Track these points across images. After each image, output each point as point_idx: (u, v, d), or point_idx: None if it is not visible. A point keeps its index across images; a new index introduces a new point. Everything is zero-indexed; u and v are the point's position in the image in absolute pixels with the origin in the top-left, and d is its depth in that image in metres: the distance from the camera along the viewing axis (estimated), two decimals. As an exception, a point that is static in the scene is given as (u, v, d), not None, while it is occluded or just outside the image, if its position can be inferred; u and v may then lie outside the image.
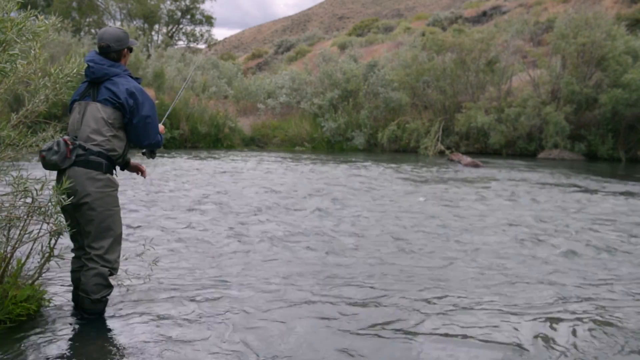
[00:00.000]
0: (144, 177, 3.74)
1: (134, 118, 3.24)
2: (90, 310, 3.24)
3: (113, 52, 3.31)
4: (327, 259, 4.86)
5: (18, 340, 2.98)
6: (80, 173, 3.09)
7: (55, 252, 3.32)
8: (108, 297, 3.30)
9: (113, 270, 3.25)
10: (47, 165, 3.10)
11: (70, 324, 3.22)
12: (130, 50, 3.45)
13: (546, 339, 3.16)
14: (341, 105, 18.76)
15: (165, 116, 4.05)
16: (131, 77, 3.37)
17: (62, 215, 3.21)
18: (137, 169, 3.65)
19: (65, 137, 3.16)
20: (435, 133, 17.59)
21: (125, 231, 5.47)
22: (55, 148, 3.09)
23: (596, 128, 16.44)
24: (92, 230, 3.16)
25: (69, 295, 3.65)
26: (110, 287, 3.26)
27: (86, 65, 3.26)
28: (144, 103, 3.27)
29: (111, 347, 2.99)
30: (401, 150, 17.98)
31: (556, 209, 7.46)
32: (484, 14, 31.99)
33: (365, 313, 3.56)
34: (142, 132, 3.30)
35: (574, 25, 16.70)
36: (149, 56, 20.77)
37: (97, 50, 3.33)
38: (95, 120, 3.19)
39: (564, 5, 26.09)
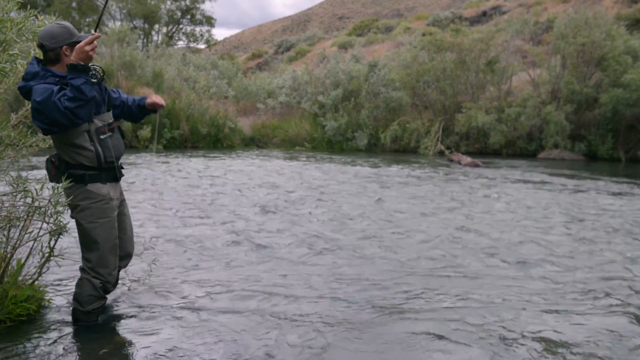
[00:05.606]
0: (163, 105, 3.33)
1: None
2: (81, 321, 3.19)
3: (49, 51, 2.89)
4: (328, 260, 4.86)
5: (18, 340, 2.98)
6: (65, 187, 2.98)
7: (55, 252, 3.32)
8: (100, 308, 3.24)
9: (106, 284, 3.15)
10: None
11: (70, 324, 3.22)
12: None
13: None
14: (341, 105, 18.75)
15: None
16: (55, 78, 2.87)
17: (62, 215, 3.20)
18: (154, 106, 3.33)
19: (54, 154, 3.07)
20: (435, 133, 17.59)
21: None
22: (46, 166, 3.11)
23: (596, 128, 16.44)
24: (81, 243, 3.13)
25: (69, 295, 3.65)
26: (103, 298, 3.21)
27: None
28: (33, 105, 2.79)
29: (111, 347, 2.99)
30: (401, 150, 17.98)
31: (553, 210, 7.45)
32: (484, 14, 31.97)
33: (379, 319, 3.55)
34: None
35: (574, 25, 16.69)
36: (148, 56, 20.75)
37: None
38: (52, 138, 3.02)
39: (564, 5, 26.08)
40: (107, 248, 3.10)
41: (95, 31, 2.92)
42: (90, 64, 2.85)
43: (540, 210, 7.38)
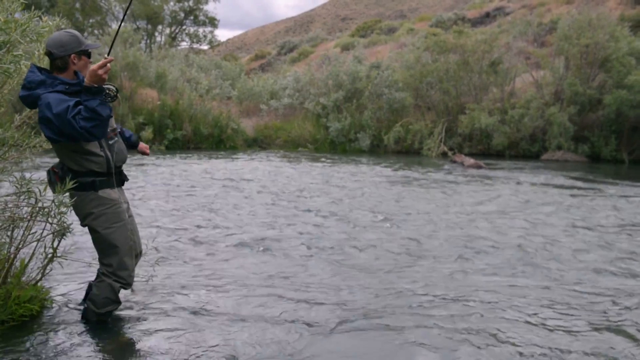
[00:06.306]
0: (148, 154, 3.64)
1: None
2: (91, 321, 3.22)
3: (57, 59, 2.91)
4: (332, 262, 4.86)
5: (21, 341, 2.99)
6: (74, 197, 2.99)
7: (59, 252, 3.32)
8: (113, 311, 3.26)
9: (126, 285, 3.20)
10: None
11: (73, 325, 3.22)
12: (88, 55, 3.01)
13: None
14: (344, 107, 18.74)
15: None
16: (65, 86, 2.89)
17: (65, 216, 3.21)
18: (141, 150, 3.60)
19: (55, 164, 3.07)
20: (439, 134, 17.56)
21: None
22: (48, 178, 3.08)
23: (599, 129, 16.39)
24: (98, 249, 3.15)
25: (72, 296, 3.66)
26: (118, 302, 3.23)
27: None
28: (44, 115, 2.78)
29: (113, 348, 2.99)
30: (404, 152, 17.96)
31: (555, 212, 7.43)
32: (487, 15, 31.95)
33: (384, 319, 3.55)
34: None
35: (577, 26, 16.65)
36: (151, 57, 20.78)
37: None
38: (56, 147, 2.99)
39: (568, 6, 26.03)
40: (125, 251, 3.13)
41: (108, 55, 2.93)
42: (104, 85, 2.85)
43: (543, 212, 7.36)
